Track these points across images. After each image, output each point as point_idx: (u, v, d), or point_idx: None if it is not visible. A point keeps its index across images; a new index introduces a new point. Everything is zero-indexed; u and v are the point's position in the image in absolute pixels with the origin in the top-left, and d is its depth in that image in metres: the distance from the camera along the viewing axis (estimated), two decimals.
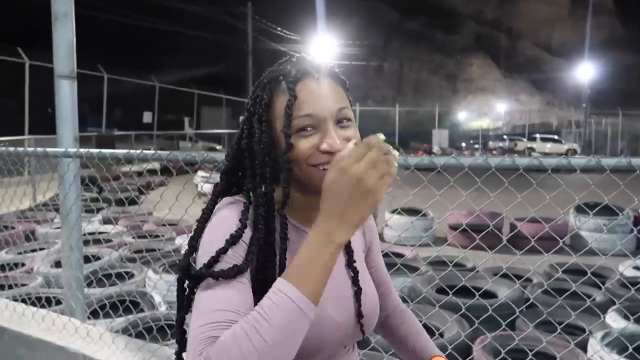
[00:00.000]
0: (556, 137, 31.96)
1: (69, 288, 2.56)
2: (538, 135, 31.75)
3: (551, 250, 2.15)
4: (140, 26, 28.06)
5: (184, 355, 0.84)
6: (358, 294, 0.94)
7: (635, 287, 2.46)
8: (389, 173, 0.72)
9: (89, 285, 3.39)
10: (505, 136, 34.89)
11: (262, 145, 0.84)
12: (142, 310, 3.18)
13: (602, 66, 40.25)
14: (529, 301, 3.51)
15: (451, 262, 4.12)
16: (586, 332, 2.44)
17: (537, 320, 2.82)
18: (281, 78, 0.84)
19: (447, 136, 31.74)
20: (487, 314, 2.09)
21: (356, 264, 0.97)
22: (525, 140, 30.95)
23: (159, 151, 2.22)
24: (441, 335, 2.75)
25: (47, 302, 3.24)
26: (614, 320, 3.06)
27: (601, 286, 3.13)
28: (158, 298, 3.34)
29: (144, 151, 2.20)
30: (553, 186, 2.05)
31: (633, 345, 2.31)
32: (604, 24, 50.61)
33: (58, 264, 4.05)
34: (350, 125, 0.85)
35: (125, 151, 2.26)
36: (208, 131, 26.19)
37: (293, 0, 42.68)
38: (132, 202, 8.68)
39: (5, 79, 14.70)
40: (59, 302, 3.23)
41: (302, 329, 0.69)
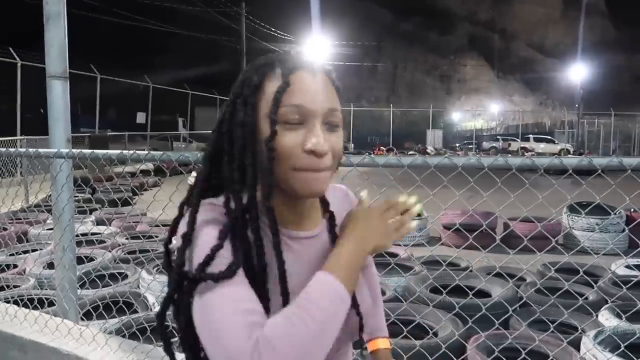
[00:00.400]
0: (549, 137, 32.15)
1: (62, 289, 2.55)
2: (531, 136, 31.93)
3: (544, 250, 2.16)
4: (134, 26, 27.97)
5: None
6: (354, 297, 0.89)
7: (627, 285, 2.48)
8: (397, 231, 0.86)
9: (82, 286, 3.37)
10: (499, 136, 35.05)
11: (243, 128, 0.77)
12: (135, 311, 3.17)
13: (594, 67, 40.57)
14: (522, 300, 3.52)
15: (445, 262, 4.13)
16: (579, 331, 2.45)
17: (530, 319, 2.84)
18: (276, 64, 0.79)
19: (441, 136, 31.88)
20: (481, 313, 2.10)
21: None
22: (518, 140, 31.11)
23: (152, 152, 2.21)
24: (435, 334, 2.75)
25: (39, 304, 3.21)
26: (607, 319, 3.08)
27: (593, 285, 3.15)
28: (152, 299, 3.33)
29: (137, 152, 2.19)
30: (546, 186, 2.06)
31: (625, 343, 2.33)
32: (596, 25, 51.01)
33: (51, 265, 4.02)
34: (337, 131, 0.80)
35: (119, 152, 2.25)
36: (202, 132, 26.13)
37: (287, 1, 42.68)
38: (126, 202, 8.64)
39: None
40: (51, 304, 3.21)
41: (341, 321, 0.73)
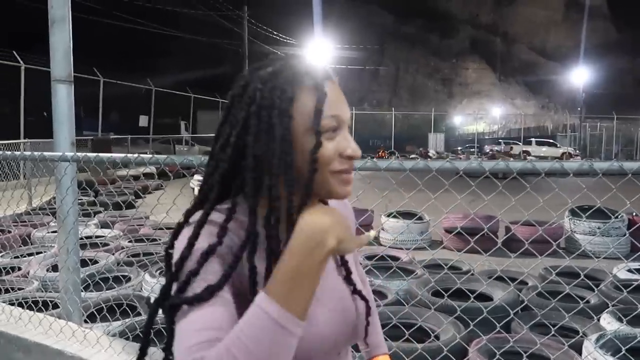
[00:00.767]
0: (551, 140, 32.12)
1: (66, 292, 2.57)
2: (533, 139, 31.89)
3: (545, 253, 2.17)
4: (137, 29, 28.05)
5: None
6: (353, 294, 0.90)
7: (628, 289, 2.49)
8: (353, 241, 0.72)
9: (85, 288, 3.39)
10: (501, 140, 35.02)
11: (283, 142, 0.75)
12: (139, 314, 3.19)
13: (596, 70, 40.53)
14: (523, 303, 3.53)
15: (446, 265, 4.13)
16: (580, 334, 2.46)
17: (531, 323, 2.85)
18: (306, 74, 0.78)
19: (443, 140, 31.88)
20: (482, 316, 2.11)
21: (348, 264, 0.93)
22: (520, 144, 31.09)
23: (156, 155, 2.23)
24: (437, 337, 2.76)
25: (44, 306, 3.24)
26: (608, 323, 3.08)
27: (594, 289, 3.16)
28: None
29: (142, 155, 2.22)
30: (548, 189, 2.07)
31: (626, 347, 2.34)
32: (598, 28, 50.95)
33: (54, 268, 4.04)
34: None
35: (123, 155, 2.27)
36: (204, 135, 26.20)
37: (289, 4, 42.79)
38: (129, 205, 8.66)
39: (0, 82, 14.67)
40: (55, 306, 3.23)
41: (288, 346, 0.65)
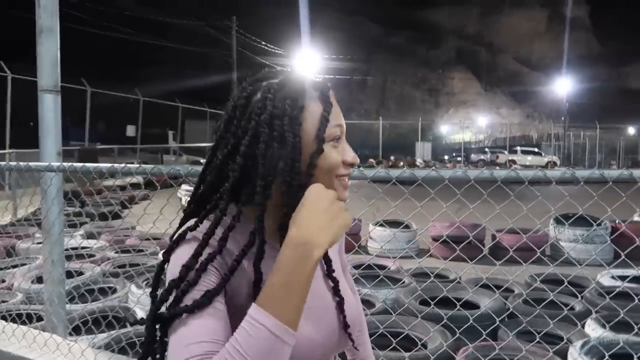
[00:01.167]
0: (536, 149, 32.57)
1: (50, 304, 2.54)
2: (519, 148, 32.32)
3: (530, 260, 2.21)
4: (125, 39, 28.00)
5: None
6: (341, 304, 0.91)
7: (610, 295, 2.53)
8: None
9: (71, 300, 3.35)
10: (487, 149, 35.42)
11: (295, 149, 0.79)
12: (125, 326, 3.15)
13: (579, 80, 41.34)
14: (509, 311, 3.56)
15: (432, 274, 4.16)
16: (564, 341, 2.49)
17: (517, 330, 2.88)
18: (311, 86, 0.83)
19: (430, 149, 32.12)
20: (468, 324, 2.13)
21: (335, 273, 0.93)
22: (506, 152, 31.48)
23: (143, 165, 2.23)
24: (424, 346, 2.78)
25: (27, 319, 3.18)
26: (593, 329, 3.13)
27: (578, 295, 3.20)
28: (141, 313, 3.31)
29: (128, 165, 2.21)
30: (533, 198, 2.10)
31: (609, 353, 2.37)
32: (581, 39, 52.04)
33: (39, 280, 3.99)
34: None
35: (110, 165, 2.27)
36: (192, 145, 26.09)
37: (277, 15, 43.04)
38: (116, 216, 8.59)
39: None
40: (40, 319, 3.19)
41: (282, 356, 0.66)
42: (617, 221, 6.56)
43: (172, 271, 0.76)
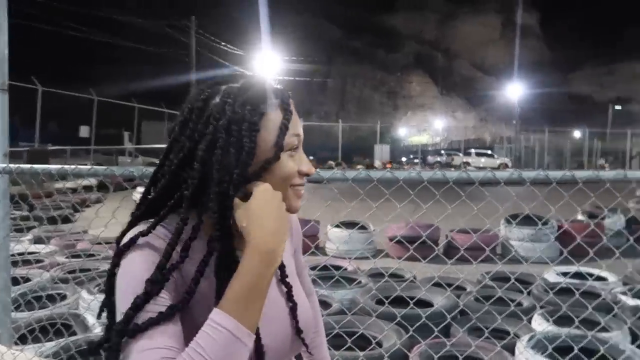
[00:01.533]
0: (489, 152, 33.69)
1: None
2: (473, 150, 33.37)
3: (479, 259, 2.29)
4: (79, 37, 26.98)
5: None
6: (294, 310, 0.90)
7: (553, 291, 2.66)
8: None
9: (17, 308, 3.21)
10: (443, 151, 36.35)
11: (249, 155, 0.78)
12: (74, 333, 3.05)
13: (531, 86, 43.07)
14: (461, 308, 3.68)
15: (387, 273, 4.24)
16: (511, 336, 2.59)
17: (467, 326, 2.98)
18: (272, 93, 0.83)
19: (389, 151, 32.63)
20: (421, 321, 2.19)
21: (288, 278, 0.93)
22: (461, 155, 32.43)
23: (95, 167, 2.17)
24: (379, 344, 2.83)
25: None
26: (539, 324, 3.27)
27: (523, 291, 3.34)
28: (92, 320, 3.22)
29: (79, 166, 2.15)
30: (485, 198, 2.18)
31: (552, 345, 2.49)
32: (532, 46, 54.20)
33: None
34: None
35: (59, 166, 2.20)
36: (149, 146, 25.45)
37: (237, 16, 42.66)
38: (66, 220, 8.28)
39: None
40: None
41: (242, 358, 0.68)
42: (563, 220, 6.89)
43: (125, 279, 0.74)
